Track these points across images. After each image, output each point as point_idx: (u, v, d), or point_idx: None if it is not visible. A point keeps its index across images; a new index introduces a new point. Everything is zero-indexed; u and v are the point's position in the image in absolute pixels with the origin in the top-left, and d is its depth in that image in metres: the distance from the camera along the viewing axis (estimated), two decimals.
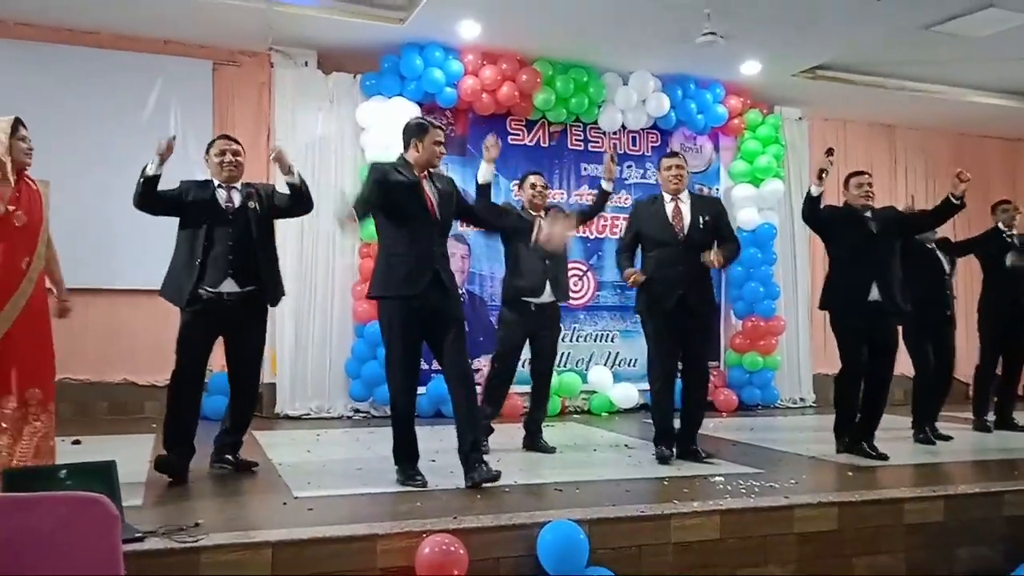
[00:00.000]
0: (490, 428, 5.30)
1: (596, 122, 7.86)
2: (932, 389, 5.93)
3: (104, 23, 6.70)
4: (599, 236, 7.93)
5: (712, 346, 7.81)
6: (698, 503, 3.81)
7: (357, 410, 7.11)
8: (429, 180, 4.34)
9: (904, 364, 5.35)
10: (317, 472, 4.52)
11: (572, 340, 7.71)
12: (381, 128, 6.88)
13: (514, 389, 5.59)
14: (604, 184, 5.54)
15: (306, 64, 7.19)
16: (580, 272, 7.78)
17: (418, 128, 4.33)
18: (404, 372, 4.17)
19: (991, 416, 6.58)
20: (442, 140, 4.32)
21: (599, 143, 7.99)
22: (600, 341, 7.95)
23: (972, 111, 8.77)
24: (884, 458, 5.04)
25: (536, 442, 5.35)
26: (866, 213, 5.10)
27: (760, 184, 8.24)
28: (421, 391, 5.34)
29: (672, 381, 5.00)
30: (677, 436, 4.99)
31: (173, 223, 4.38)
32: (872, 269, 5.01)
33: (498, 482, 4.09)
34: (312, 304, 7.04)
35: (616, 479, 4.41)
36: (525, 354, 5.47)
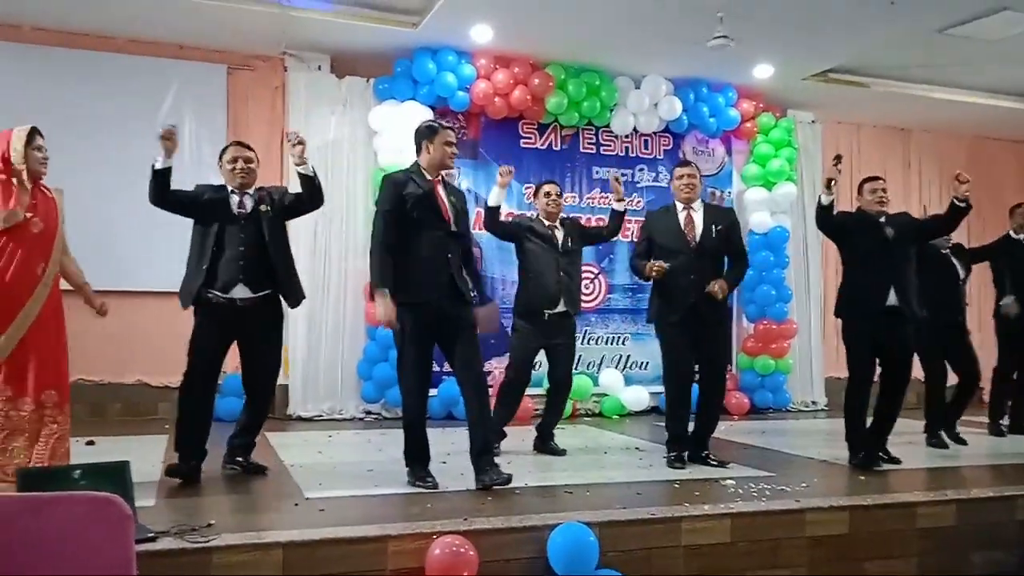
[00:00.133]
0: (503, 433, 5.32)
1: (608, 126, 7.85)
2: (942, 393, 5.91)
3: (119, 28, 6.75)
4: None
5: (725, 351, 7.78)
6: (709, 506, 3.81)
7: (369, 412, 7.13)
8: (444, 185, 4.36)
9: (916, 368, 5.30)
10: (328, 473, 4.54)
11: (583, 343, 7.69)
12: (394, 132, 6.89)
13: (530, 392, 5.58)
14: (615, 205, 5.56)
15: (319, 68, 7.22)
16: (592, 275, 7.77)
17: (428, 130, 4.36)
18: (417, 375, 4.19)
19: (1005, 420, 6.53)
20: (453, 140, 4.34)
21: (611, 147, 8.00)
22: (611, 344, 7.94)
23: (987, 114, 8.72)
24: (896, 462, 5.03)
25: (547, 444, 5.37)
26: (881, 219, 5.07)
27: (772, 187, 8.21)
28: (433, 393, 5.37)
29: (688, 387, 4.99)
30: (690, 440, 4.99)
31: (187, 225, 4.42)
32: (889, 274, 4.96)
33: (509, 484, 4.09)
34: (325, 306, 7.06)
35: (627, 482, 4.41)
36: (540, 357, 5.47)
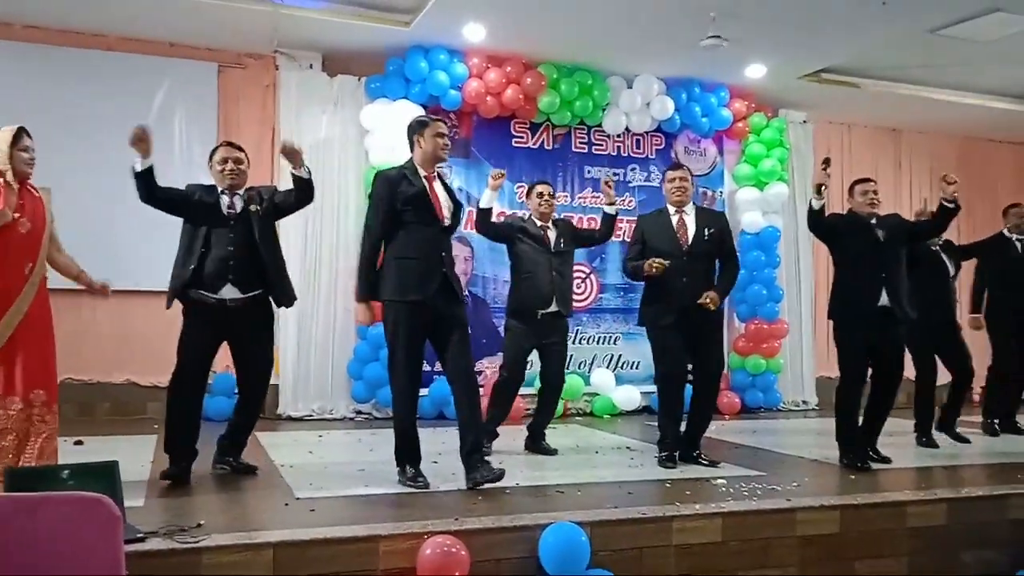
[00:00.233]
0: (495, 433, 5.31)
1: (600, 125, 7.85)
2: (932, 393, 5.90)
3: (110, 26, 6.72)
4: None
5: (718, 352, 7.78)
6: (700, 505, 3.81)
7: (359, 411, 7.11)
8: (439, 180, 4.34)
9: (907, 367, 5.30)
10: (319, 473, 4.52)
11: (575, 342, 7.67)
12: (386, 131, 6.88)
13: (521, 391, 5.57)
14: (607, 209, 5.54)
15: (311, 66, 7.20)
16: (583, 275, 7.77)
17: (418, 124, 4.37)
18: (407, 374, 4.17)
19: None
20: (444, 132, 4.32)
21: (603, 146, 8.00)
22: (603, 343, 7.95)
23: (978, 115, 8.75)
24: (887, 461, 5.04)
25: (538, 444, 5.36)
26: (872, 220, 5.08)
27: (764, 187, 8.23)
28: (423, 393, 5.36)
29: (682, 389, 4.98)
30: (682, 440, 4.99)
31: (177, 224, 4.40)
32: (880, 275, 4.97)
33: (500, 483, 4.09)
34: (315, 305, 7.04)
35: (618, 481, 4.41)
36: (532, 357, 5.46)
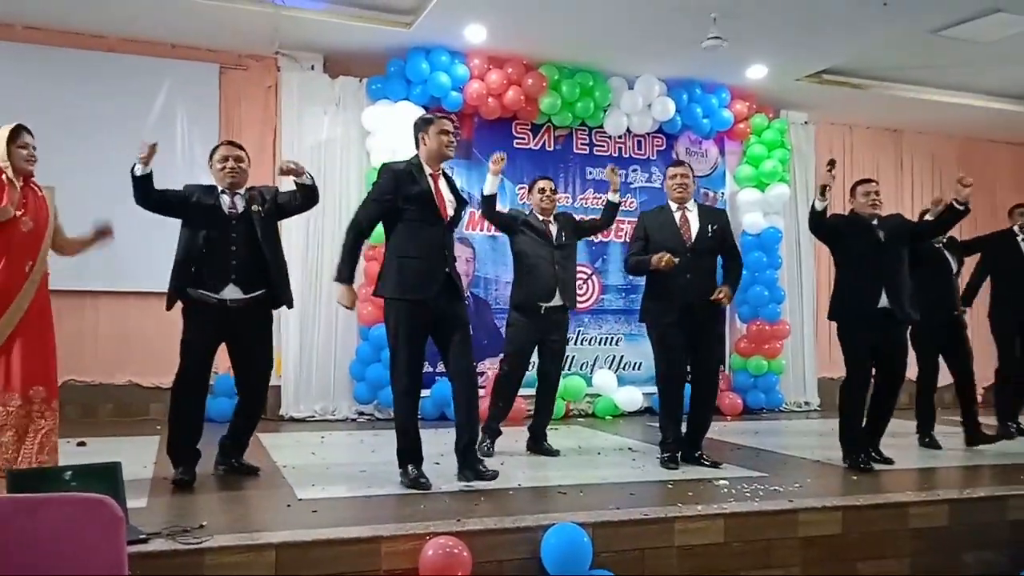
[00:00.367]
0: (498, 431, 5.32)
1: (602, 126, 7.85)
2: (933, 393, 5.89)
3: (112, 27, 6.72)
4: (604, 240, 7.92)
5: (719, 351, 7.79)
6: (702, 506, 3.82)
7: (361, 412, 7.11)
8: (443, 179, 4.33)
9: (909, 368, 5.29)
10: (321, 474, 4.53)
11: (577, 343, 7.70)
12: (387, 132, 6.89)
13: (520, 392, 5.57)
14: (610, 196, 5.55)
15: (312, 68, 7.21)
16: (585, 275, 7.77)
17: (423, 122, 4.37)
18: (409, 374, 4.17)
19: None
20: (449, 129, 4.30)
21: (604, 147, 8.00)
22: (605, 344, 7.94)
23: (979, 116, 8.75)
24: (889, 462, 5.04)
25: (540, 445, 5.36)
26: (873, 221, 5.08)
27: (765, 188, 8.23)
28: (425, 394, 5.36)
29: (681, 387, 4.99)
30: (683, 441, 5.00)
31: (177, 225, 4.37)
32: (881, 277, 4.97)
33: (502, 484, 4.09)
34: (317, 307, 7.05)
35: (620, 482, 4.41)
36: (533, 358, 5.47)
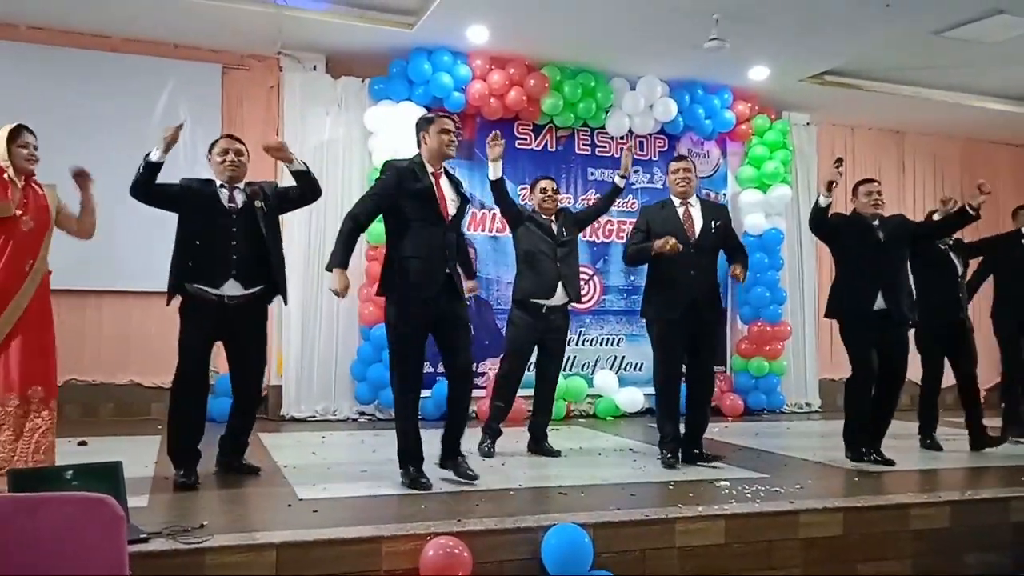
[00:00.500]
0: (499, 431, 5.33)
1: (604, 127, 7.85)
2: (936, 395, 5.86)
3: (115, 27, 6.73)
4: (605, 240, 7.93)
5: (717, 351, 7.79)
6: (703, 507, 3.81)
7: (362, 412, 7.11)
8: (446, 178, 4.32)
9: (909, 370, 5.28)
10: (322, 474, 4.53)
11: (578, 344, 7.70)
12: (389, 132, 6.89)
13: (520, 392, 5.58)
14: (617, 180, 5.45)
15: (315, 68, 7.21)
16: (586, 276, 7.76)
17: (424, 121, 4.36)
18: (409, 374, 4.17)
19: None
20: (450, 128, 4.27)
21: (606, 148, 8.00)
22: (606, 345, 7.94)
23: (982, 117, 8.73)
24: (890, 464, 5.03)
25: (541, 446, 5.36)
26: (874, 221, 5.08)
27: (767, 189, 8.23)
28: (426, 394, 5.36)
29: (678, 386, 4.99)
30: (682, 440, 5.00)
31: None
32: (878, 278, 4.97)
33: (501, 484, 4.11)
34: (318, 306, 7.05)
35: (621, 483, 4.40)
36: (533, 357, 5.47)
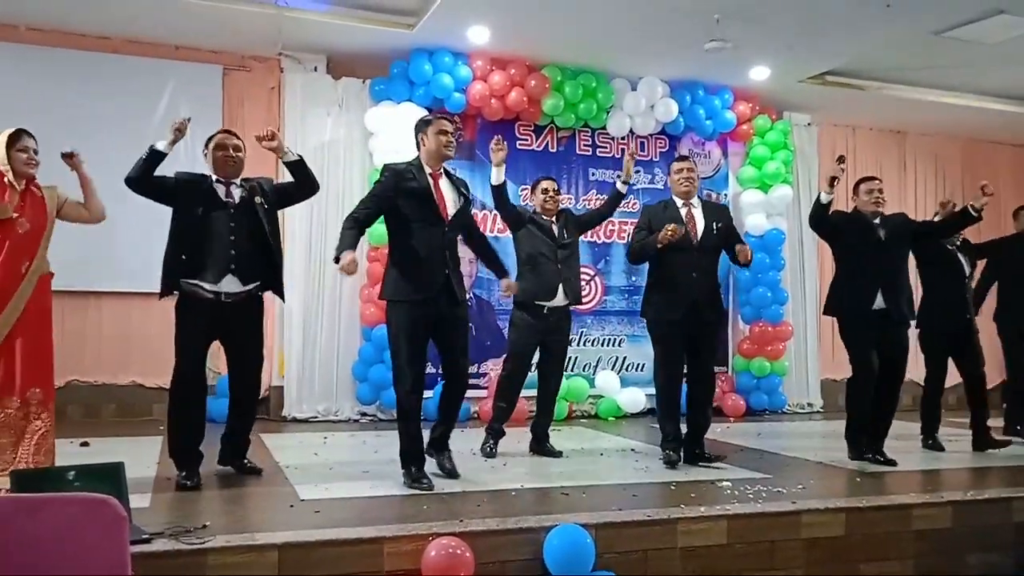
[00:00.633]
0: (502, 432, 5.34)
1: (605, 127, 7.85)
2: (939, 396, 5.82)
3: (115, 28, 6.73)
4: (607, 241, 7.93)
5: (718, 351, 7.78)
6: (705, 508, 3.81)
7: (364, 413, 7.11)
8: (446, 179, 4.32)
9: (911, 371, 5.27)
10: (324, 474, 4.52)
11: (579, 344, 7.70)
12: (390, 133, 6.89)
13: (523, 393, 5.57)
14: (619, 185, 5.50)
15: (316, 69, 7.22)
16: (588, 276, 7.76)
17: (422, 123, 4.38)
18: (411, 375, 4.17)
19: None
20: (447, 129, 4.29)
21: (607, 148, 8.00)
22: (607, 345, 7.94)
23: (982, 117, 8.73)
24: (892, 464, 5.02)
25: (543, 446, 5.36)
26: (875, 220, 5.07)
27: (768, 190, 8.23)
28: (428, 395, 5.35)
29: (679, 386, 4.99)
30: (684, 441, 5.00)
31: None
32: (878, 277, 4.97)
33: (503, 484, 4.11)
34: (320, 307, 7.05)
35: (623, 483, 4.40)
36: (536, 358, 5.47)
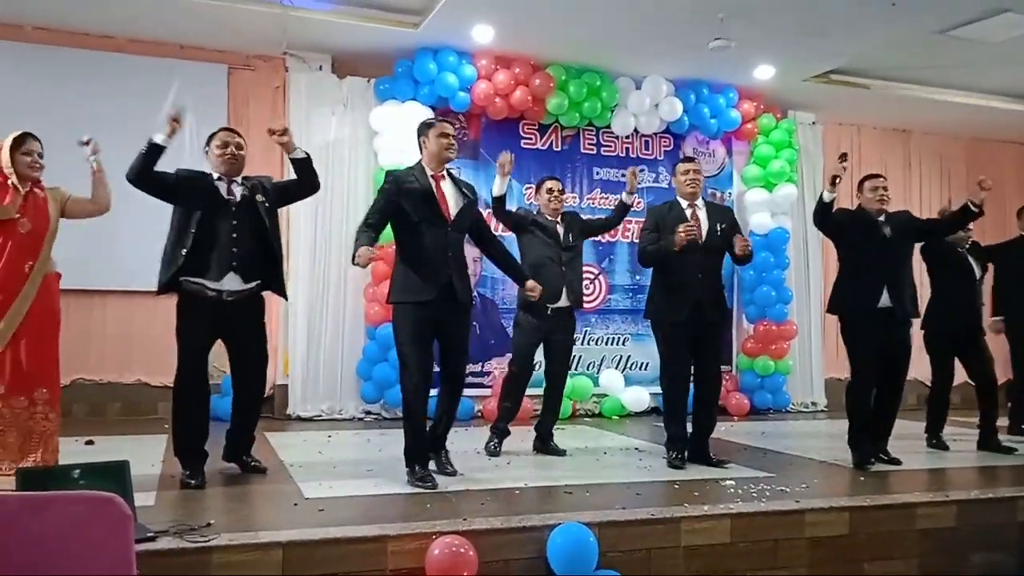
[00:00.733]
0: (507, 431, 5.35)
1: (609, 126, 7.85)
2: (946, 396, 5.81)
3: (120, 28, 6.75)
4: (611, 240, 7.92)
5: (724, 351, 7.79)
6: (708, 506, 3.81)
7: (368, 412, 7.12)
8: (449, 180, 4.35)
9: (917, 370, 5.25)
10: (328, 473, 4.53)
11: (583, 343, 7.70)
12: (395, 132, 6.89)
13: (527, 392, 5.58)
14: (625, 197, 5.55)
15: (320, 68, 7.23)
16: (592, 275, 7.77)
17: (423, 126, 4.41)
18: (418, 376, 4.19)
19: None
20: (448, 132, 4.33)
21: (612, 147, 8.00)
22: (611, 344, 7.94)
23: (987, 116, 8.71)
24: (896, 463, 5.03)
25: (547, 445, 5.37)
26: (880, 217, 5.06)
27: (773, 189, 8.22)
28: (434, 394, 5.36)
29: (686, 386, 4.99)
30: (689, 441, 5.00)
31: None
32: (883, 274, 4.95)
33: (507, 483, 4.12)
34: (324, 306, 7.07)
35: (626, 482, 4.41)
36: (539, 357, 5.46)
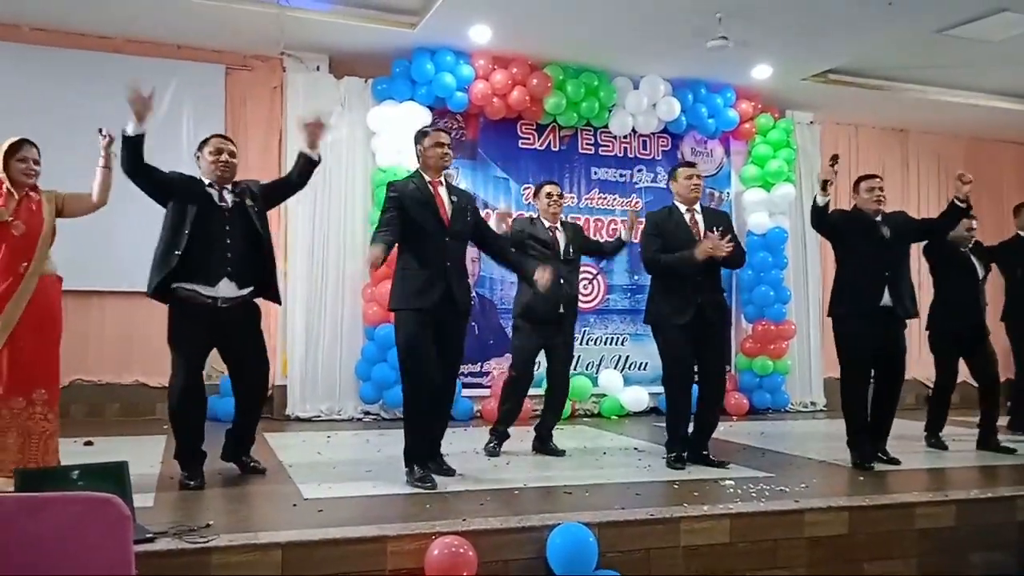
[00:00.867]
0: (506, 434, 5.35)
1: (607, 126, 7.85)
2: (948, 397, 5.81)
3: (118, 28, 6.74)
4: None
5: (727, 352, 7.79)
6: (708, 507, 3.81)
7: (367, 412, 7.11)
8: (445, 187, 4.40)
9: (917, 370, 5.26)
10: (327, 473, 4.53)
11: (582, 343, 7.68)
12: (392, 132, 6.90)
13: (528, 392, 5.57)
14: (624, 235, 5.66)
15: (318, 68, 7.23)
16: (590, 276, 7.77)
17: (419, 135, 4.48)
18: (420, 378, 4.19)
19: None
20: (443, 141, 4.38)
21: (610, 147, 8.00)
22: (610, 344, 7.94)
23: (985, 116, 8.72)
24: (896, 463, 5.02)
25: (546, 445, 5.36)
26: (877, 218, 5.06)
27: (771, 188, 8.22)
28: None
29: (688, 388, 4.97)
30: (690, 441, 4.99)
31: None
32: (883, 274, 4.95)
33: (507, 483, 4.12)
34: (322, 306, 7.06)
35: (626, 482, 4.41)
36: (540, 358, 5.45)
